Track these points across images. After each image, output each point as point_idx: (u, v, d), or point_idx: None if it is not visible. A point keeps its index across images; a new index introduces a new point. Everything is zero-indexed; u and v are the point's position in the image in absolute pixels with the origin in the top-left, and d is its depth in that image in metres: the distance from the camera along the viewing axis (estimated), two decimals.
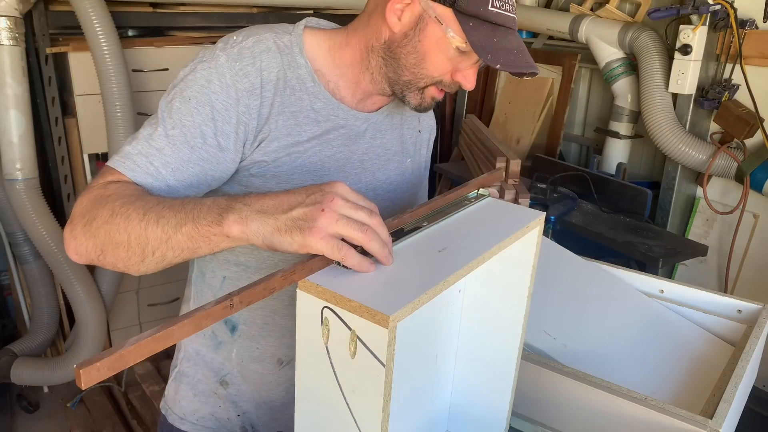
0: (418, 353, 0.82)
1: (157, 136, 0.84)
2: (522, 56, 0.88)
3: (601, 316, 1.16)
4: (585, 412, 0.90)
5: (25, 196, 2.17)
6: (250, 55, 0.87)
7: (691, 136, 2.39)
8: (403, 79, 0.91)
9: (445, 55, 0.87)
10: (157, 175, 0.82)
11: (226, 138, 0.86)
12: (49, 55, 2.28)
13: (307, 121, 0.92)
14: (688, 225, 2.61)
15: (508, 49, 0.86)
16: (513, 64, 0.86)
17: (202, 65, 0.86)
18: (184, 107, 0.84)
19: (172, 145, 0.83)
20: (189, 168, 0.84)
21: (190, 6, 2.54)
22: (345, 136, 0.96)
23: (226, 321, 1.02)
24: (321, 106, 0.93)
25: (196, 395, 1.07)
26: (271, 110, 0.89)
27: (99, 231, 0.76)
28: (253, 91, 0.87)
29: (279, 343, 1.02)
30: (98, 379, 0.49)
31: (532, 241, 0.79)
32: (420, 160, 1.12)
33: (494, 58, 0.83)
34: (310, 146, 0.93)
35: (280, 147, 0.90)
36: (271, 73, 0.89)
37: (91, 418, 2.50)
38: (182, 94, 0.85)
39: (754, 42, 2.25)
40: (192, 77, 0.86)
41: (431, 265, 0.65)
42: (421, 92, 0.92)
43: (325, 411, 0.62)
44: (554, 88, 3.04)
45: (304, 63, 0.92)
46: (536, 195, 2.42)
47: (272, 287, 0.59)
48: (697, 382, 1.04)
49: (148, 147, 0.83)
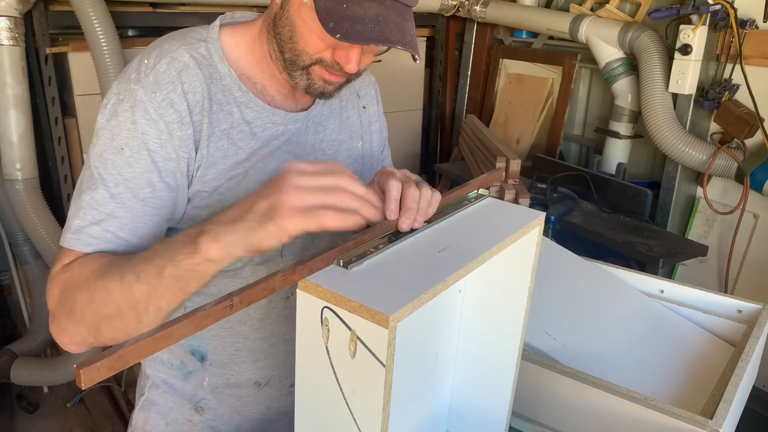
0: (418, 353, 0.82)
1: (102, 199, 0.77)
2: (378, 27, 0.73)
3: (601, 317, 1.16)
4: (585, 412, 0.90)
5: (25, 196, 2.17)
6: (168, 81, 0.79)
7: (691, 136, 2.39)
8: (286, 56, 0.82)
9: (309, 28, 0.76)
10: (116, 241, 0.77)
11: (172, 176, 0.80)
12: (49, 55, 2.28)
13: (242, 136, 0.85)
14: (688, 225, 2.61)
15: (359, 17, 0.72)
16: (358, 35, 0.71)
17: (121, 106, 0.79)
18: (119, 158, 0.78)
19: (122, 205, 0.77)
20: (146, 222, 0.79)
21: (190, 6, 2.54)
22: (287, 142, 0.90)
23: (193, 351, 0.96)
24: (253, 115, 0.86)
25: (169, 424, 1.00)
26: (202, 135, 0.82)
27: (85, 314, 0.72)
28: (182, 121, 0.80)
29: (254, 368, 0.97)
30: (98, 379, 0.49)
31: (532, 241, 0.79)
32: (372, 138, 1.04)
33: (336, 27, 0.71)
34: (251, 164, 0.85)
35: (218, 173, 0.83)
36: (196, 93, 0.81)
37: (91, 418, 2.50)
38: (112, 144, 0.78)
39: (754, 42, 2.25)
40: (115, 122, 0.78)
41: (431, 265, 0.65)
42: (307, 72, 0.82)
43: (325, 411, 0.62)
44: (554, 88, 3.04)
45: (227, 71, 0.84)
46: (536, 195, 2.42)
47: (272, 287, 0.59)
48: (697, 382, 1.04)
49: (97, 214, 0.77)
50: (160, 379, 1.00)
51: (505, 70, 3.32)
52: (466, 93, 3.52)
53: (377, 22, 0.72)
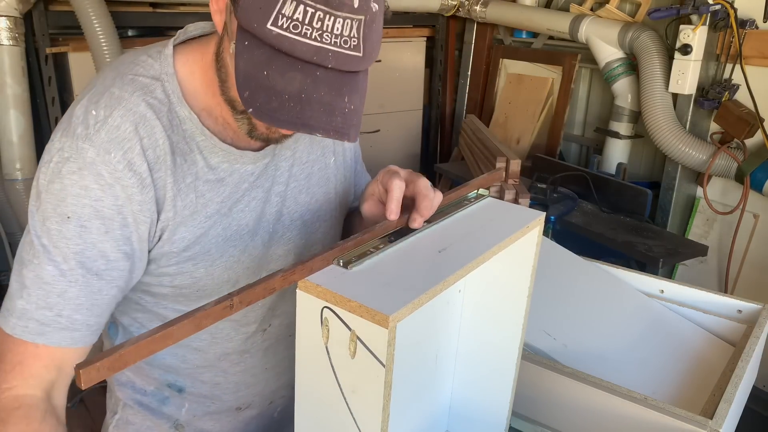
0: (418, 353, 0.82)
1: (50, 277, 0.68)
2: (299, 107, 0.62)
3: (601, 317, 1.16)
4: (585, 412, 0.90)
5: (25, 196, 2.18)
6: (124, 137, 0.69)
7: (691, 136, 2.39)
8: (224, 97, 0.73)
9: None
10: (72, 326, 0.69)
11: (127, 243, 0.72)
12: (49, 55, 2.28)
13: (209, 186, 0.77)
14: (688, 225, 2.61)
15: (277, 91, 0.62)
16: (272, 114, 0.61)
17: (67, 168, 0.68)
18: (66, 229, 0.68)
19: (74, 282, 0.69)
20: (104, 296, 0.72)
21: (190, 6, 2.55)
22: (257, 185, 0.82)
23: (170, 384, 0.90)
24: (218, 160, 0.77)
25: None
26: (166, 195, 0.73)
27: None
28: (143, 183, 0.70)
29: (235, 397, 0.94)
30: (98, 379, 0.49)
31: (532, 241, 0.79)
32: (345, 153, 0.96)
33: (250, 99, 0.61)
34: (221, 215, 0.78)
35: (187, 230, 0.76)
36: (157, 148, 0.71)
37: (91, 418, 2.50)
38: (56, 212, 0.68)
39: (754, 42, 2.25)
40: (60, 186, 0.68)
41: (431, 265, 0.65)
42: (248, 117, 0.72)
43: (325, 411, 0.62)
44: (554, 88, 3.04)
45: (187, 114, 0.74)
46: (536, 195, 2.42)
47: (272, 287, 0.59)
48: (697, 382, 1.04)
49: (44, 295, 0.68)
50: (135, 400, 0.94)
51: (505, 70, 3.32)
52: (466, 93, 3.52)
53: (298, 101, 0.62)
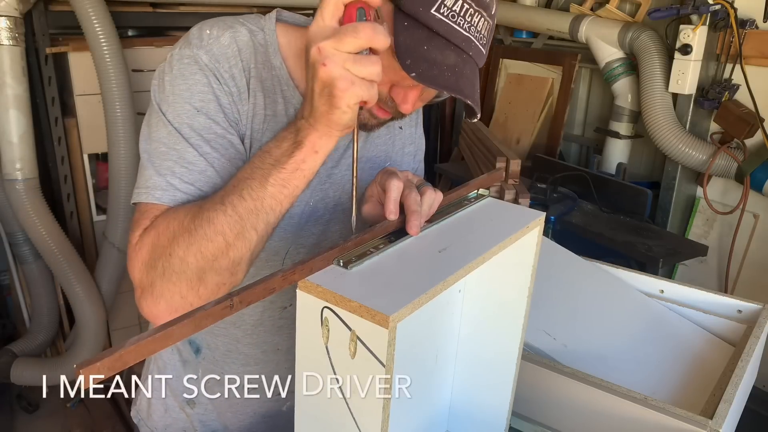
0: (418, 353, 0.82)
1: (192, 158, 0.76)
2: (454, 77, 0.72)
3: (601, 316, 1.16)
4: (585, 412, 0.90)
5: (24, 196, 2.17)
6: (231, 54, 0.80)
7: (691, 136, 2.39)
8: None
9: None
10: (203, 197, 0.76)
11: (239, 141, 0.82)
12: (49, 55, 2.28)
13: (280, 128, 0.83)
14: (688, 225, 2.61)
15: (437, 62, 0.71)
16: (434, 79, 0.70)
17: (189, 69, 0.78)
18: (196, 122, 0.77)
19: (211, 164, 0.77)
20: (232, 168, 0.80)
21: (190, 6, 2.54)
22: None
23: (190, 341, 0.98)
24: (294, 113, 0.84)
25: (167, 411, 1.05)
26: (255, 112, 0.83)
27: (186, 262, 0.69)
28: (241, 96, 0.81)
29: (244, 371, 0.98)
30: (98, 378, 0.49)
31: (532, 241, 0.79)
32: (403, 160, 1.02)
33: (413, 65, 0.70)
34: None
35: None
36: (251, 73, 0.82)
37: (91, 418, 2.50)
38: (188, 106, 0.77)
39: (754, 42, 2.25)
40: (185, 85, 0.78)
41: (431, 265, 0.65)
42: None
43: (325, 411, 0.62)
44: (554, 88, 3.04)
45: (279, 64, 0.84)
46: (536, 195, 2.42)
47: (272, 287, 0.59)
48: (697, 382, 1.04)
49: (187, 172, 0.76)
50: (162, 362, 1.03)
51: (505, 70, 3.31)
52: None
53: (453, 72, 0.72)
